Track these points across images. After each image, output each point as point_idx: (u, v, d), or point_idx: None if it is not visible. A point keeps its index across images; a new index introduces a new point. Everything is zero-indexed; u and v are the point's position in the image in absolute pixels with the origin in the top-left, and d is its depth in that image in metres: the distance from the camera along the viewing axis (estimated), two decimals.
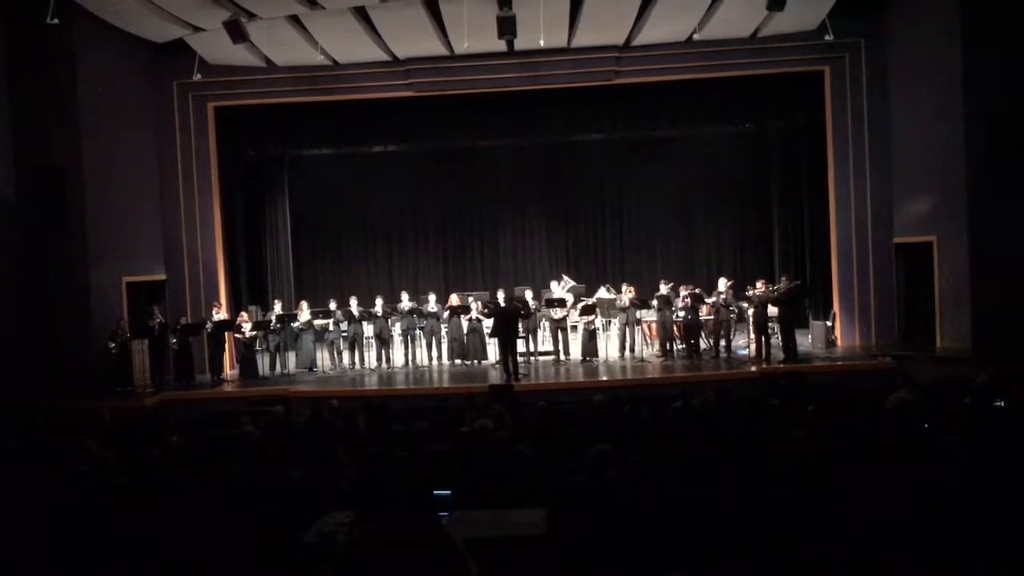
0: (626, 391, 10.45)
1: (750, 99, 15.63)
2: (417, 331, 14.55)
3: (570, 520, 4.56)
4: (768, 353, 13.31)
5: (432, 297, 14.74)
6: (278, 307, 14.89)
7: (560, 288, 15.21)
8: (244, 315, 14.54)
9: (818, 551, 4.02)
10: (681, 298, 13.93)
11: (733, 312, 13.93)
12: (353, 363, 14.60)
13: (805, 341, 14.56)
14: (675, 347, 14.19)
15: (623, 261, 18.47)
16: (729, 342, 14.09)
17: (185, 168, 15.19)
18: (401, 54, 14.81)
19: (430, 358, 14.57)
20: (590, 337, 14.18)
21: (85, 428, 7.87)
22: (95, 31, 13.38)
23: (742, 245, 18.20)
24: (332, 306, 14.69)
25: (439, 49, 14.44)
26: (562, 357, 14.28)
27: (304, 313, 14.57)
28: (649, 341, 14.90)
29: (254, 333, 14.32)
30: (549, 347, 14.59)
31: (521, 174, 18.26)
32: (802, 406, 7.64)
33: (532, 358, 14.29)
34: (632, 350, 14.12)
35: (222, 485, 5.34)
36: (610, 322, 14.76)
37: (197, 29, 13.61)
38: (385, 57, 14.80)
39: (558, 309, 14.11)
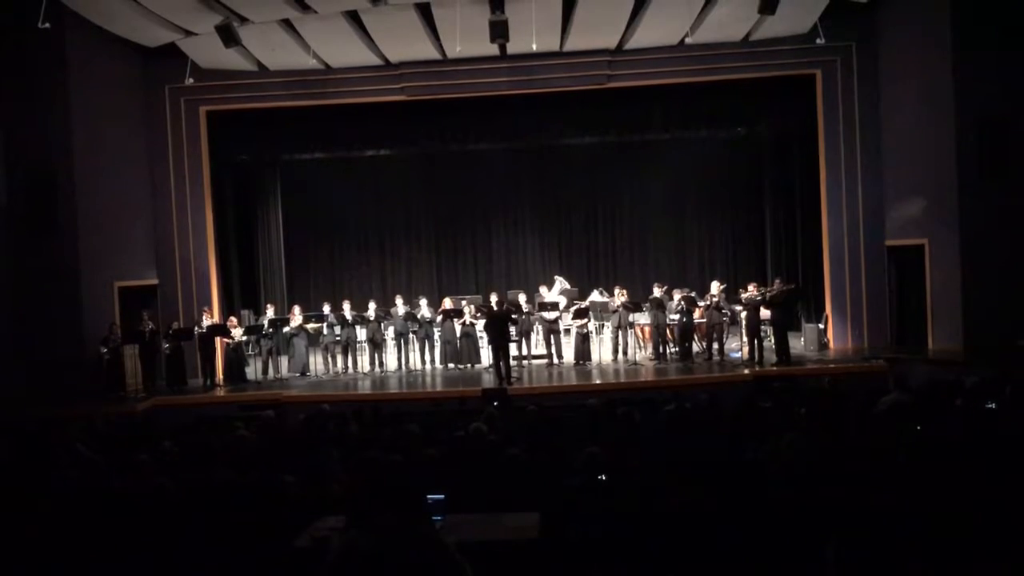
0: (619, 394, 10.45)
1: (742, 102, 15.66)
2: (410, 335, 14.53)
3: (564, 523, 4.56)
4: (761, 356, 13.34)
5: (424, 301, 14.72)
6: (271, 311, 14.87)
7: (552, 290, 15.22)
8: (232, 320, 14.48)
9: (811, 553, 4.03)
10: (676, 301, 13.96)
11: (726, 315, 13.96)
12: (346, 367, 14.56)
13: (797, 344, 14.62)
14: (668, 350, 14.22)
15: (616, 264, 18.48)
16: (722, 345, 14.11)
17: (177, 172, 15.16)
18: (393, 58, 14.82)
19: (423, 362, 14.54)
20: (583, 340, 14.19)
21: (77, 434, 7.83)
22: (86, 36, 13.36)
23: (734, 248, 18.22)
24: (326, 310, 14.67)
25: (431, 53, 14.44)
26: (555, 360, 14.28)
27: (296, 317, 14.55)
28: (642, 344, 14.92)
29: (244, 338, 14.28)
30: (542, 351, 14.58)
31: (514, 178, 18.29)
32: (795, 409, 7.65)
33: (525, 362, 14.30)
34: (625, 353, 14.14)
35: (214, 490, 5.32)
36: (603, 325, 14.77)
37: (189, 33, 13.60)
38: (377, 61, 14.81)
39: (551, 312, 14.12)
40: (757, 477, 5.11)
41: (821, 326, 14.85)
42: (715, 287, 13.99)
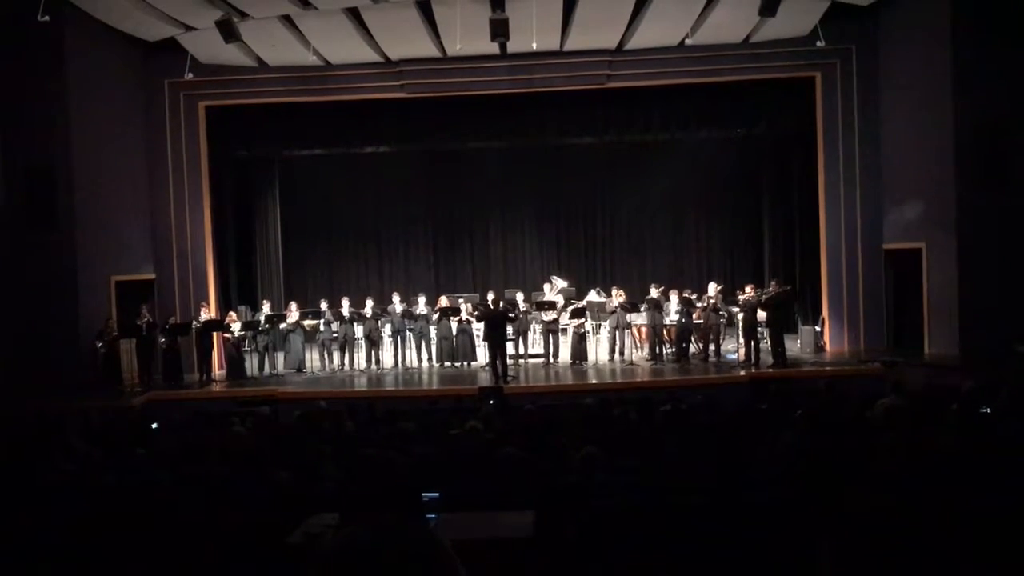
0: (615, 394, 10.46)
1: (741, 104, 15.66)
2: (407, 332, 14.51)
3: (558, 522, 4.56)
4: (757, 358, 13.34)
5: (422, 299, 14.71)
6: (267, 307, 14.85)
7: (550, 290, 15.21)
8: (232, 315, 14.48)
9: (806, 555, 4.04)
10: (677, 302, 13.97)
11: (723, 317, 13.97)
12: (342, 364, 14.54)
13: (794, 346, 14.62)
14: (664, 351, 14.22)
15: (613, 264, 18.47)
16: (719, 346, 14.12)
17: (175, 167, 15.13)
18: (393, 55, 14.80)
19: (419, 360, 14.53)
20: (580, 340, 14.19)
21: (72, 428, 7.82)
22: (86, 29, 13.32)
23: (732, 249, 18.22)
24: (324, 307, 14.66)
25: (432, 51, 14.43)
26: (552, 360, 14.28)
27: (293, 314, 14.54)
28: (639, 345, 14.92)
29: (242, 333, 14.27)
30: (539, 350, 14.58)
31: (512, 177, 18.25)
32: (790, 411, 7.65)
33: (522, 360, 14.29)
34: (621, 353, 14.14)
35: (209, 485, 5.31)
36: (600, 325, 14.77)
37: (189, 28, 13.58)
38: (377, 58, 14.79)
39: (549, 312, 14.12)
40: (752, 478, 5.11)
41: (818, 328, 14.86)
42: (712, 288, 14.01)
